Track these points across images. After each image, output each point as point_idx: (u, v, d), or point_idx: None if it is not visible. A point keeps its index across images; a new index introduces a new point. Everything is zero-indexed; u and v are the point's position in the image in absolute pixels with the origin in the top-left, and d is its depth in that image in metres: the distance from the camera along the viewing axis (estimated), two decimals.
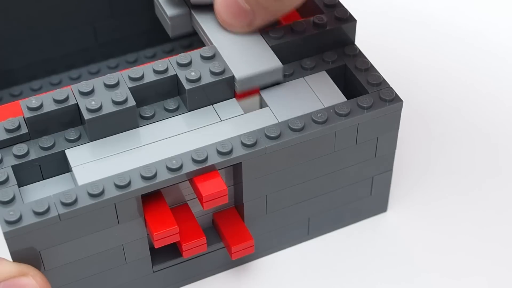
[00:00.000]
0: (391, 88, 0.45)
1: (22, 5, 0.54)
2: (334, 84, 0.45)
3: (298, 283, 0.47)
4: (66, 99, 0.42)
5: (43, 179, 0.42)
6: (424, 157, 0.54)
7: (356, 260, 0.48)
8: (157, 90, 0.44)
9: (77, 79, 0.58)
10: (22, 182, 0.42)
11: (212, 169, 0.41)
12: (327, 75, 0.46)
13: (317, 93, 0.45)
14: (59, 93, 0.42)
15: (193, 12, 0.48)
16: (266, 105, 0.45)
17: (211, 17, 0.47)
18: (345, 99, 0.45)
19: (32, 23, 0.55)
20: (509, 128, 0.56)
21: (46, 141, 0.42)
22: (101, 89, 0.43)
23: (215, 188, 0.41)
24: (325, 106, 0.44)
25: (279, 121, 0.43)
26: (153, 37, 0.59)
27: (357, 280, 0.47)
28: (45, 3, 0.54)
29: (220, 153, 0.41)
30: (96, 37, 0.57)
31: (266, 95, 0.45)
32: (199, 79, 0.43)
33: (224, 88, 0.44)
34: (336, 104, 0.43)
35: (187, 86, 0.43)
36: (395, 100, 0.44)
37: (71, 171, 0.41)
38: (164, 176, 0.40)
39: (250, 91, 0.45)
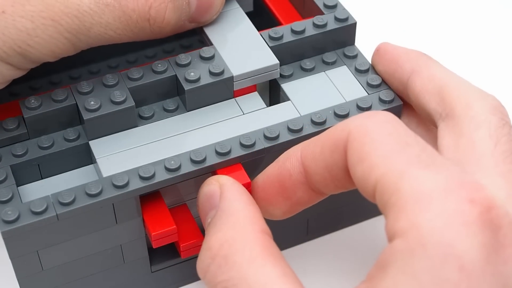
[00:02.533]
0: (391, 89, 0.45)
1: None
2: (355, 78, 0.45)
3: None
4: (65, 98, 0.42)
5: (42, 179, 0.42)
6: None
7: (355, 262, 0.48)
8: (156, 90, 0.44)
9: (77, 78, 0.58)
10: (20, 181, 0.42)
11: (210, 169, 0.41)
12: (348, 69, 0.46)
13: (338, 87, 0.45)
14: (58, 92, 0.42)
15: None
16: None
17: None
18: (367, 94, 0.44)
19: None
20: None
21: (45, 140, 0.42)
22: (100, 89, 0.43)
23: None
24: (347, 100, 0.44)
25: (278, 122, 0.43)
26: None
27: (356, 282, 0.47)
28: None
29: (218, 153, 0.41)
30: None
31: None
32: (198, 79, 0.43)
33: (223, 89, 0.44)
34: (335, 105, 0.43)
35: (186, 86, 0.43)
36: (395, 102, 0.44)
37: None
38: (162, 176, 0.40)
39: (248, 89, 0.45)
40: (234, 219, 0.37)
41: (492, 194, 0.33)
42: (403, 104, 0.44)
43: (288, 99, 0.45)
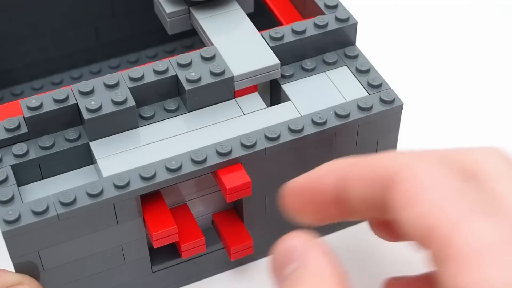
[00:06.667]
0: (392, 89, 0.45)
1: (24, 4, 0.54)
2: (356, 79, 0.45)
3: None
4: (66, 99, 0.42)
5: (43, 179, 0.42)
6: None
7: (356, 262, 0.48)
8: (157, 90, 0.44)
9: (79, 78, 0.58)
10: (21, 181, 0.42)
11: (211, 170, 0.41)
12: (349, 69, 0.46)
13: (339, 87, 0.45)
14: (59, 92, 0.42)
15: (191, 10, 0.48)
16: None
17: (210, 16, 0.47)
18: (367, 94, 0.44)
19: (34, 23, 0.55)
20: (510, 128, 0.56)
21: (45, 140, 0.42)
22: (101, 89, 0.43)
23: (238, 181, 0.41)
24: (347, 101, 0.44)
25: (279, 122, 0.43)
26: (155, 37, 0.59)
27: (356, 281, 0.47)
28: (47, 3, 0.54)
29: (219, 154, 0.41)
30: (97, 37, 0.57)
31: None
32: (199, 79, 0.43)
33: (224, 89, 0.44)
34: (335, 105, 0.43)
35: (187, 86, 0.43)
36: (396, 102, 0.44)
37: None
38: (163, 176, 0.40)
39: (248, 89, 0.45)
40: (322, 276, 0.35)
41: None
42: None
43: (289, 99, 0.45)
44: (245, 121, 0.44)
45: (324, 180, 0.37)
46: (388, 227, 0.41)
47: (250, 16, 0.49)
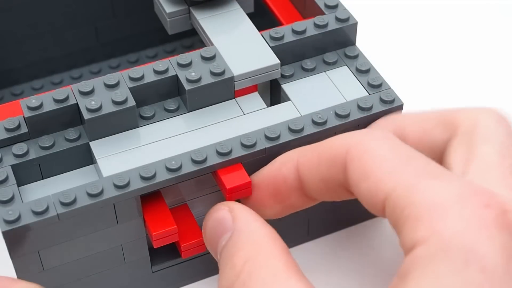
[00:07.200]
0: (392, 89, 0.45)
1: (24, 4, 0.54)
2: (356, 79, 0.45)
3: None
4: (66, 98, 0.42)
5: (43, 179, 0.42)
6: None
7: (356, 262, 0.48)
8: (157, 90, 0.44)
9: (78, 78, 0.58)
10: (21, 181, 0.42)
11: (211, 170, 0.41)
12: (349, 69, 0.46)
13: (339, 87, 0.45)
14: (59, 92, 0.42)
15: (192, 10, 0.48)
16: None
17: (210, 16, 0.47)
18: (368, 94, 0.45)
19: (34, 23, 0.55)
20: None
21: (45, 140, 0.42)
22: (101, 89, 0.43)
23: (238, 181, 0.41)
24: (347, 100, 0.44)
25: (279, 122, 0.43)
26: (155, 37, 0.59)
27: (357, 281, 0.47)
28: (47, 3, 0.54)
29: (219, 153, 0.41)
30: (97, 37, 0.57)
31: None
32: (199, 79, 0.43)
33: (224, 89, 0.44)
34: (335, 105, 0.43)
35: (187, 86, 0.43)
36: (396, 102, 0.44)
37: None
38: (163, 176, 0.40)
39: (249, 89, 0.45)
40: (254, 238, 0.37)
41: (504, 199, 0.34)
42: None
43: (289, 99, 0.45)
44: (245, 121, 0.44)
45: (283, 169, 0.40)
46: None
47: (250, 16, 0.49)
